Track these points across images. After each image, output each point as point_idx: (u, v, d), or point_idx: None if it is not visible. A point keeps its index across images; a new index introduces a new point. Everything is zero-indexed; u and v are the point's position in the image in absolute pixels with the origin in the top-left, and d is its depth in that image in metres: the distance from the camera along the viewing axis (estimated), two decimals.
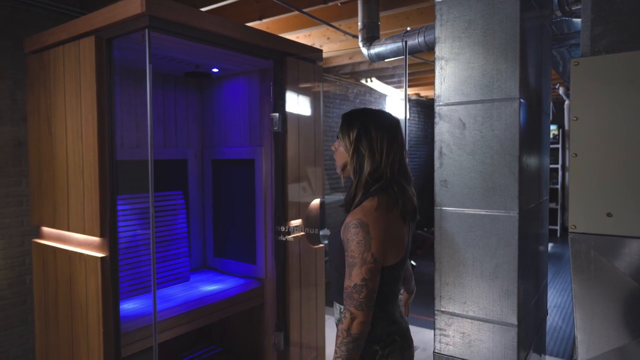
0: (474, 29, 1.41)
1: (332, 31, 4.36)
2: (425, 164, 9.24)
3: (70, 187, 2.22)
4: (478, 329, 1.41)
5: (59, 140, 2.29)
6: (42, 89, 2.39)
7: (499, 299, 1.37)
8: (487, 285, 1.40)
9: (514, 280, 1.35)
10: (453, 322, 1.46)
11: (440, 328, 1.48)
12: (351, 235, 1.29)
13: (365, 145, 1.35)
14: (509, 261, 1.36)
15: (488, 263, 1.39)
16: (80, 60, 2.13)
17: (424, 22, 3.81)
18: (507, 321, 1.36)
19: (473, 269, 1.42)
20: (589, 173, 1.22)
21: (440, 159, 1.48)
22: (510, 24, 1.34)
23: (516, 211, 1.35)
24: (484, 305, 1.40)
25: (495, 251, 1.38)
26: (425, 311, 4.63)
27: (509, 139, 1.36)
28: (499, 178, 1.37)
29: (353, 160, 1.36)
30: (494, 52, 1.38)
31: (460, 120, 1.44)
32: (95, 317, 2.10)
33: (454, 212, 1.45)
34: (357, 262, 1.28)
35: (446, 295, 1.47)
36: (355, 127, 1.38)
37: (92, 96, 2.07)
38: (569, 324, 4.26)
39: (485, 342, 1.40)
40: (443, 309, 1.48)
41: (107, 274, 2.09)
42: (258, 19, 3.61)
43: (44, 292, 2.45)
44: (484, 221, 1.39)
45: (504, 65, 1.37)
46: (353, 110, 1.45)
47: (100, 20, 2.03)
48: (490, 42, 1.38)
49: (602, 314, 1.20)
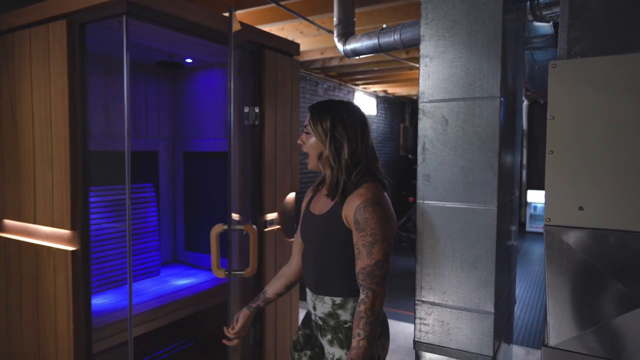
0: (458, 29, 1.46)
1: (305, 25, 4.36)
2: (392, 159, 9.41)
3: (38, 178, 2.13)
4: (457, 317, 1.47)
5: (24, 128, 2.18)
6: (5, 74, 2.26)
7: (477, 288, 1.44)
8: (466, 276, 1.46)
9: (492, 270, 1.42)
10: (433, 311, 1.52)
11: (420, 317, 1.54)
12: (369, 213, 1.33)
13: (342, 131, 1.40)
14: (487, 252, 1.43)
15: (467, 254, 1.45)
16: (49, 45, 2.03)
17: (397, 20, 3.88)
18: (485, 309, 1.43)
19: (453, 260, 1.47)
20: (564, 169, 1.30)
21: (423, 154, 1.53)
22: (493, 26, 1.40)
23: (495, 205, 1.41)
24: (462, 295, 1.46)
25: (475, 243, 1.44)
26: (393, 303, 4.75)
27: (489, 136, 1.42)
28: (480, 173, 1.44)
29: (331, 148, 1.41)
30: (477, 52, 1.43)
31: (443, 116, 1.49)
32: (65, 313, 2.03)
33: (435, 205, 1.51)
34: (379, 239, 1.32)
35: (427, 286, 1.53)
36: (327, 116, 1.42)
37: (63, 84, 1.99)
38: (527, 314, 4.48)
39: (463, 329, 1.46)
40: (423, 298, 1.53)
41: (78, 268, 2.02)
42: (233, 10, 3.55)
43: (6, 287, 2.33)
44: (465, 214, 1.45)
45: (486, 65, 1.43)
46: (320, 102, 1.50)
47: (74, 3, 1.95)
48: (473, 42, 1.44)
49: (572, 301, 1.28)
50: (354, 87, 7.87)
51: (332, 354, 1.46)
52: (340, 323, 1.45)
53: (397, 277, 5.83)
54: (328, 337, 1.47)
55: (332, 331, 1.46)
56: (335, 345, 1.45)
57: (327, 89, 7.15)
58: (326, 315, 1.47)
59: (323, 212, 1.47)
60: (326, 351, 1.49)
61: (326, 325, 1.48)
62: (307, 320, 1.63)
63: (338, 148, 1.40)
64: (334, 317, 1.45)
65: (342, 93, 7.56)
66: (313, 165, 1.49)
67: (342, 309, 1.44)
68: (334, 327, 1.46)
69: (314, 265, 1.50)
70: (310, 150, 1.47)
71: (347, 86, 7.66)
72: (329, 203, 1.45)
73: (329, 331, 1.47)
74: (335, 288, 1.45)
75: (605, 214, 1.24)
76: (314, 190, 1.60)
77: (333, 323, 1.46)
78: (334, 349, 1.45)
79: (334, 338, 1.45)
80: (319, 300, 1.48)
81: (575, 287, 1.27)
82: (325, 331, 1.48)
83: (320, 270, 1.48)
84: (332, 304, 1.45)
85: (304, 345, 1.60)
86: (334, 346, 1.45)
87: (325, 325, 1.48)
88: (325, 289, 1.46)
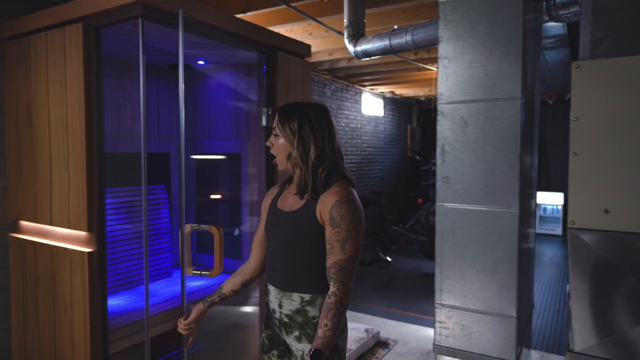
0: (477, 30, 1.45)
1: (314, 27, 4.36)
2: (399, 161, 9.39)
3: (54, 180, 2.14)
4: (478, 321, 1.45)
5: (40, 131, 2.19)
6: (22, 77, 2.28)
7: (498, 292, 1.42)
8: (487, 279, 1.44)
9: (514, 274, 1.41)
10: (453, 314, 1.50)
11: (440, 321, 1.53)
12: (345, 211, 1.38)
13: (309, 132, 1.44)
14: (508, 256, 1.41)
15: (488, 257, 1.44)
16: (65, 48, 2.04)
17: (406, 21, 3.87)
18: (507, 313, 1.42)
19: (474, 263, 1.46)
20: (588, 171, 1.28)
21: (442, 156, 1.52)
22: (513, 26, 1.39)
23: (517, 207, 1.40)
24: (483, 298, 1.45)
25: (496, 246, 1.43)
26: (403, 305, 4.73)
27: (510, 138, 1.41)
28: (500, 175, 1.42)
29: (299, 148, 1.44)
30: (497, 53, 1.42)
31: (462, 118, 1.48)
32: (82, 314, 2.03)
33: (455, 208, 1.49)
34: (352, 235, 1.38)
35: (447, 289, 1.51)
36: (295, 117, 1.46)
37: (79, 86, 2.00)
38: (541, 317, 4.45)
39: (485, 333, 1.45)
40: (443, 302, 1.52)
41: (95, 269, 2.02)
42: (242, 12, 3.56)
43: (22, 288, 2.34)
44: (485, 217, 1.44)
45: (506, 66, 1.41)
46: (286, 105, 1.53)
47: (89, 7, 1.96)
48: (493, 43, 1.42)
49: (598, 306, 1.26)
50: (361, 88, 7.86)
51: (301, 350, 1.48)
52: (308, 319, 1.47)
53: (405, 279, 5.81)
54: (295, 333, 1.49)
55: (300, 327, 1.48)
56: (304, 341, 1.47)
57: (334, 90, 7.15)
58: (293, 313, 1.49)
59: (294, 208, 1.49)
60: (294, 348, 1.51)
61: (293, 322, 1.49)
62: (268, 320, 1.64)
63: (306, 149, 1.44)
64: (302, 313, 1.47)
65: (349, 94, 7.56)
66: (283, 167, 1.52)
67: (311, 305, 1.47)
68: (301, 323, 1.48)
69: (281, 263, 1.51)
70: (279, 151, 1.50)
71: (354, 87, 7.65)
72: (299, 200, 1.49)
73: (296, 328, 1.49)
74: (305, 285, 1.47)
75: (633, 217, 1.22)
76: (280, 187, 1.62)
77: (301, 319, 1.48)
78: (303, 345, 1.47)
79: (302, 334, 1.48)
80: (287, 297, 1.50)
81: (601, 291, 1.25)
82: (292, 328, 1.50)
83: (289, 267, 1.49)
84: (301, 301, 1.47)
85: (269, 346, 1.62)
86: (303, 342, 1.47)
87: (292, 322, 1.50)
88: (294, 286, 1.48)
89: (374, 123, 8.37)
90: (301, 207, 1.47)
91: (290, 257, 1.49)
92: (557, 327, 4.23)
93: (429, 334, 3.92)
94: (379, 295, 5.11)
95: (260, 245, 1.67)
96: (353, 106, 7.67)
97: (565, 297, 5.01)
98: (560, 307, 4.76)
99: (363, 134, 8.00)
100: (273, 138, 1.51)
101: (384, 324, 4.12)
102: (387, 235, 6.64)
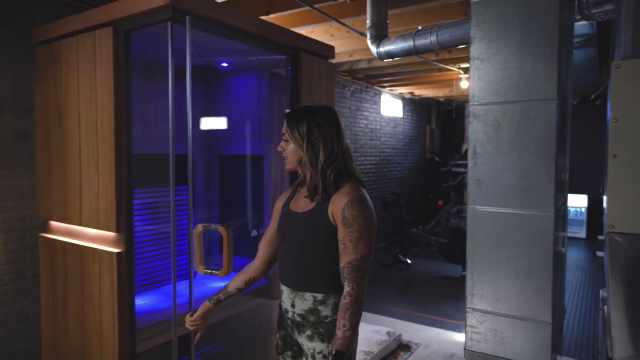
0: (511, 30, 1.42)
1: (336, 28, 4.35)
2: (419, 162, 9.31)
3: (83, 181, 2.18)
4: (511, 326, 1.43)
5: (70, 132, 2.24)
6: (52, 81, 2.33)
7: (533, 297, 1.39)
8: (520, 284, 1.42)
9: (549, 278, 1.37)
10: (485, 319, 1.48)
11: (471, 325, 1.50)
12: (357, 211, 1.41)
13: (317, 135, 1.46)
14: (543, 260, 1.38)
15: (522, 262, 1.41)
16: (96, 51, 2.08)
17: (429, 21, 3.83)
18: (541, 319, 1.39)
19: (507, 267, 1.43)
20: (629, 173, 1.24)
21: (474, 159, 1.49)
22: (549, 25, 1.36)
23: (552, 211, 1.37)
24: (517, 303, 1.42)
25: (530, 250, 1.40)
26: (424, 308, 4.68)
27: (545, 139, 1.38)
28: (535, 178, 1.39)
29: (308, 152, 1.46)
30: (532, 53, 1.39)
31: (495, 120, 1.46)
32: (110, 313, 2.06)
33: (487, 211, 1.47)
34: (365, 234, 1.40)
35: (478, 293, 1.49)
36: (304, 121, 1.48)
37: (108, 89, 2.03)
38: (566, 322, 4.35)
39: (518, 339, 1.42)
40: (475, 306, 1.49)
41: (123, 269, 2.05)
42: (265, 14, 3.58)
43: (52, 287, 2.39)
44: (519, 220, 1.41)
45: (541, 66, 1.38)
46: (294, 109, 1.55)
47: (119, 11, 1.99)
48: (528, 43, 1.39)
49: None
50: (380, 89, 7.83)
51: (312, 348, 1.50)
52: (321, 318, 1.49)
53: (425, 281, 5.75)
54: (307, 332, 1.51)
55: (312, 326, 1.50)
56: (315, 339, 1.49)
57: (354, 91, 7.13)
58: (306, 312, 1.51)
59: (307, 209, 1.51)
60: (305, 347, 1.53)
61: (305, 321, 1.51)
62: (281, 321, 1.66)
63: (316, 152, 1.46)
64: (315, 312, 1.49)
65: (368, 95, 7.53)
66: (290, 167, 1.54)
67: (323, 304, 1.48)
68: (314, 322, 1.50)
69: (294, 263, 1.53)
70: (290, 155, 1.52)
71: (373, 88, 7.62)
72: (311, 202, 1.51)
73: (309, 327, 1.50)
74: (317, 284, 1.49)
75: None
76: (293, 190, 1.65)
77: (313, 319, 1.50)
78: (314, 344, 1.49)
79: (314, 333, 1.49)
80: (299, 297, 1.51)
81: None
82: (304, 327, 1.52)
83: (301, 268, 1.51)
84: (314, 300, 1.49)
85: (283, 347, 1.64)
86: (315, 341, 1.49)
87: (305, 322, 1.51)
88: (307, 285, 1.50)
89: (393, 124, 8.33)
90: (313, 208, 1.49)
91: (303, 257, 1.51)
92: (586, 333, 4.13)
93: (452, 338, 3.87)
94: (399, 298, 5.07)
95: (267, 246, 1.71)
96: (372, 107, 7.64)
97: (595, 302, 4.88)
98: (588, 312, 4.65)
99: (382, 135, 7.96)
100: (283, 143, 1.54)
101: (405, 326, 4.08)
102: (407, 237, 6.59)
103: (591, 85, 6.29)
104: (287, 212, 1.60)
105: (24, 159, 2.84)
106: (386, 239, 7.89)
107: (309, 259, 1.50)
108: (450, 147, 9.89)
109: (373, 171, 7.67)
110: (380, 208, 7.25)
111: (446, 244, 5.92)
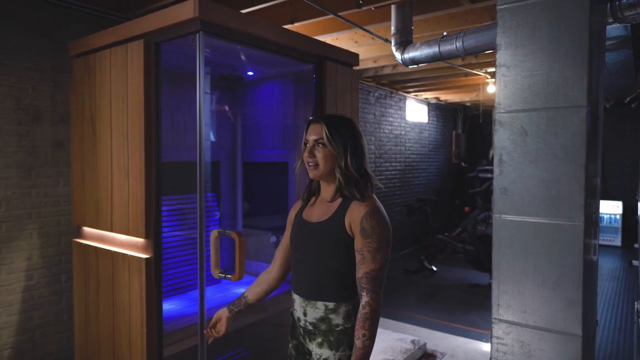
0: (539, 36, 1.40)
1: (360, 35, 4.36)
2: (444, 167, 9.19)
3: (115, 188, 2.25)
4: (539, 338, 1.39)
5: (103, 141, 2.32)
6: (87, 91, 2.42)
7: (562, 308, 1.36)
8: (549, 295, 1.38)
9: (579, 289, 1.33)
10: (512, 330, 1.45)
11: (497, 336, 1.47)
12: (376, 222, 1.44)
13: (357, 145, 1.52)
14: (573, 270, 1.34)
15: (551, 272, 1.38)
16: (127, 63, 2.15)
17: (454, 27, 3.79)
18: (571, 331, 1.35)
19: (535, 277, 1.40)
20: None
21: (500, 167, 1.47)
22: (579, 31, 1.33)
23: (582, 220, 1.33)
24: (545, 315, 1.38)
25: (559, 260, 1.36)
26: (449, 317, 4.60)
27: (574, 147, 1.34)
28: (564, 187, 1.36)
29: (352, 158, 1.49)
30: (560, 59, 1.36)
31: (522, 127, 1.43)
32: (139, 317, 2.12)
33: (514, 220, 1.44)
34: (383, 245, 1.44)
35: (504, 304, 1.46)
36: (345, 129, 1.51)
37: (139, 99, 2.10)
38: (600, 334, 4.19)
39: (547, 352, 1.38)
40: (501, 317, 1.46)
41: (151, 274, 2.11)
42: (290, 22, 3.62)
43: (84, 291, 2.48)
44: (547, 230, 1.38)
45: (570, 73, 1.35)
46: (330, 116, 1.57)
47: (150, 24, 2.06)
48: (556, 49, 1.37)
49: None
50: (405, 94, 7.78)
51: (319, 354, 1.52)
52: (332, 327, 1.51)
53: (450, 289, 5.65)
54: (318, 340, 1.53)
55: (323, 334, 1.52)
56: (324, 347, 1.51)
57: (378, 97, 7.11)
58: (318, 320, 1.52)
59: (322, 219, 1.53)
60: (314, 353, 1.55)
61: (317, 329, 1.53)
62: (293, 330, 1.67)
63: (358, 162, 1.51)
64: (326, 321, 1.51)
65: (393, 101, 7.49)
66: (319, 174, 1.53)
67: (335, 313, 1.50)
68: (325, 330, 1.51)
69: (306, 272, 1.55)
70: (323, 162, 1.51)
71: (398, 94, 7.59)
72: (326, 211, 1.53)
73: (320, 335, 1.53)
74: (329, 293, 1.51)
75: None
76: (305, 201, 1.66)
77: (325, 327, 1.51)
78: (323, 350, 1.51)
79: (325, 341, 1.51)
80: (311, 305, 1.53)
81: None
82: (315, 335, 1.54)
83: (313, 276, 1.53)
84: (325, 309, 1.51)
85: (296, 356, 1.66)
86: (323, 348, 1.51)
87: (316, 330, 1.53)
88: (319, 294, 1.52)
89: (418, 129, 8.25)
90: (329, 218, 1.51)
91: (315, 266, 1.53)
92: (620, 347, 3.97)
93: (478, 347, 3.79)
94: (424, 306, 5.00)
95: (283, 256, 1.73)
96: (397, 113, 7.60)
97: (631, 314, 4.69)
98: (622, 324, 4.47)
99: (407, 141, 7.90)
100: (317, 148, 1.51)
101: (429, 335, 4.02)
102: (433, 243, 6.50)
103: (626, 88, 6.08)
104: (301, 222, 1.61)
105: (59, 166, 2.96)
106: (411, 245, 7.80)
107: (322, 268, 1.52)
108: (477, 152, 9.72)
109: (398, 177, 7.61)
110: (404, 214, 7.19)
111: (473, 251, 5.81)
